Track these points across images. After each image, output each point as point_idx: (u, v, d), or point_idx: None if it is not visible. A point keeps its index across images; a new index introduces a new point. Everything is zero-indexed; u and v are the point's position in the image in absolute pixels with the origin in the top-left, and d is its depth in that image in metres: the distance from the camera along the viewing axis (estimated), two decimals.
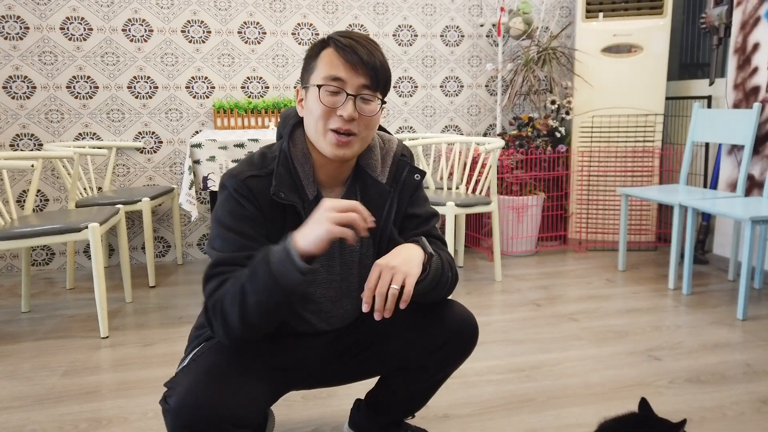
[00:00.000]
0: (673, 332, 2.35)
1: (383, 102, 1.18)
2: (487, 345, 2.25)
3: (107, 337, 2.38)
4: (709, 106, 3.38)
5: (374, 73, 1.13)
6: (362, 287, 1.29)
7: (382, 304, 1.05)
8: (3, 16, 3.15)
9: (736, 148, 3.06)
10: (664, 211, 3.69)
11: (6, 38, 3.17)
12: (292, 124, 1.22)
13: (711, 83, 3.33)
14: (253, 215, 1.14)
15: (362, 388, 1.56)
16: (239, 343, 1.11)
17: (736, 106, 3.08)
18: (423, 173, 1.31)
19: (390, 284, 1.05)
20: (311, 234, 1.01)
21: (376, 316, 1.06)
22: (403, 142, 1.35)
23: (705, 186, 3.42)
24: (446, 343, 1.29)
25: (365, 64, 1.12)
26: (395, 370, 1.36)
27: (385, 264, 1.08)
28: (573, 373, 2.00)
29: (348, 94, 1.12)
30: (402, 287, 1.05)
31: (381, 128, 1.35)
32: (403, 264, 1.08)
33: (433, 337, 1.28)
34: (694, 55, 3.73)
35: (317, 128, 1.14)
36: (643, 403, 1.18)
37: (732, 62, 3.09)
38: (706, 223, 3.31)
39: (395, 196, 1.26)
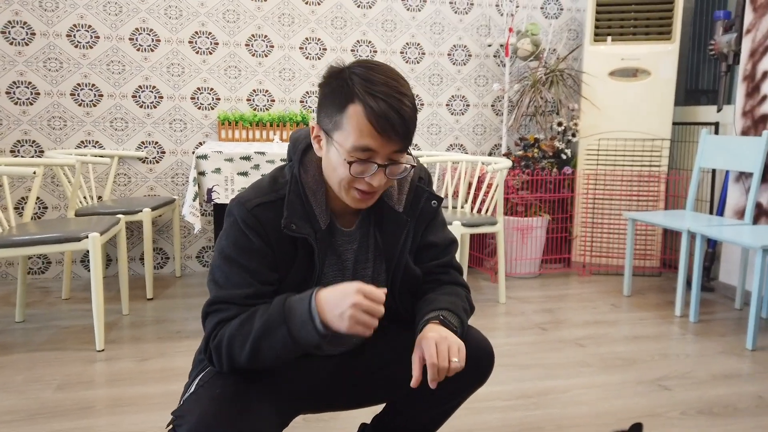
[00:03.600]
0: (682, 361, 2.30)
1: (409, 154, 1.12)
2: (494, 370, 2.19)
3: (103, 350, 2.32)
4: (716, 132, 3.37)
5: (407, 136, 1.04)
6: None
7: (440, 375, 1.04)
8: (9, 22, 3.13)
9: (744, 176, 3.05)
10: (670, 236, 3.67)
11: (11, 44, 3.14)
12: (302, 149, 1.15)
13: (719, 110, 3.32)
14: (259, 248, 1.09)
15: (367, 411, 1.50)
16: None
17: (744, 133, 3.07)
18: (440, 199, 1.25)
19: (449, 357, 1.05)
20: (335, 322, 0.99)
21: (432, 385, 1.04)
22: (420, 162, 1.30)
23: (711, 212, 3.39)
24: (462, 368, 1.24)
25: (398, 132, 1.02)
26: (405, 397, 1.31)
27: (440, 337, 1.06)
28: (582, 401, 1.95)
29: (378, 165, 1.04)
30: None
31: None
32: (452, 336, 1.08)
33: None
34: (699, 81, 3.73)
35: (340, 186, 1.08)
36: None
37: (740, 90, 3.09)
38: (712, 250, 3.28)
39: (412, 225, 1.22)
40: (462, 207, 3.16)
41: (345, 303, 0.98)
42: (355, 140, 1.02)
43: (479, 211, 3.12)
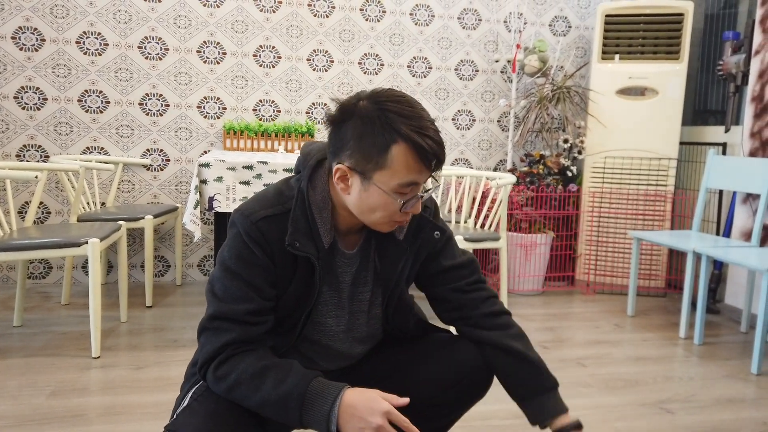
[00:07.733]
0: (686, 384, 2.26)
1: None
2: (492, 387, 2.16)
3: (99, 357, 2.30)
4: (723, 153, 3.35)
5: (439, 164, 1.07)
6: (369, 334, 1.27)
7: None
8: (20, 27, 3.16)
9: (751, 197, 3.01)
10: (675, 256, 3.62)
11: (21, 49, 3.17)
12: (312, 165, 1.13)
13: (727, 130, 3.29)
14: (261, 263, 1.07)
15: None
16: None
17: (752, 154, 3.04)
18: (444, 231, 1.24)
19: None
20: None
21: None
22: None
23: (717, 233, 3.35)
24: (461, 380, 1.23)
25: (440, 161, 1.05)
26: (401, 412, 1.29)
27: None
28: (583, 423, 1.90)
29: (419, 196, 1.08)
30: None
31: None
32: None
33: (448, 373, 1.23)
34: (707, 101, 3.71)
35: (375, 220, 1.08)
36: None
37: (749, 110, 3.07)
38: (718, 272, 3.24)
39: (411, 254, 1.20)
40: (465, 222, 3.14)
41: (370, 421, 0.99)
42: (402, 177, 1.03)
43: (482, 226, 3.10)
